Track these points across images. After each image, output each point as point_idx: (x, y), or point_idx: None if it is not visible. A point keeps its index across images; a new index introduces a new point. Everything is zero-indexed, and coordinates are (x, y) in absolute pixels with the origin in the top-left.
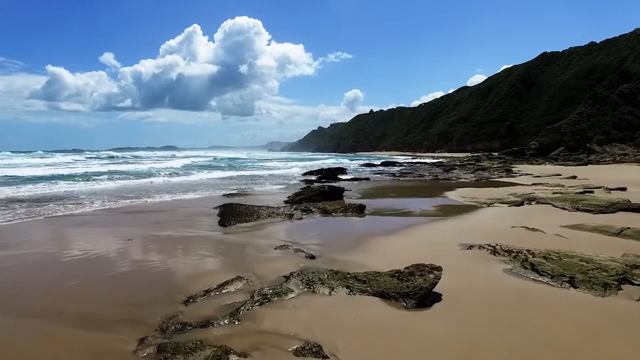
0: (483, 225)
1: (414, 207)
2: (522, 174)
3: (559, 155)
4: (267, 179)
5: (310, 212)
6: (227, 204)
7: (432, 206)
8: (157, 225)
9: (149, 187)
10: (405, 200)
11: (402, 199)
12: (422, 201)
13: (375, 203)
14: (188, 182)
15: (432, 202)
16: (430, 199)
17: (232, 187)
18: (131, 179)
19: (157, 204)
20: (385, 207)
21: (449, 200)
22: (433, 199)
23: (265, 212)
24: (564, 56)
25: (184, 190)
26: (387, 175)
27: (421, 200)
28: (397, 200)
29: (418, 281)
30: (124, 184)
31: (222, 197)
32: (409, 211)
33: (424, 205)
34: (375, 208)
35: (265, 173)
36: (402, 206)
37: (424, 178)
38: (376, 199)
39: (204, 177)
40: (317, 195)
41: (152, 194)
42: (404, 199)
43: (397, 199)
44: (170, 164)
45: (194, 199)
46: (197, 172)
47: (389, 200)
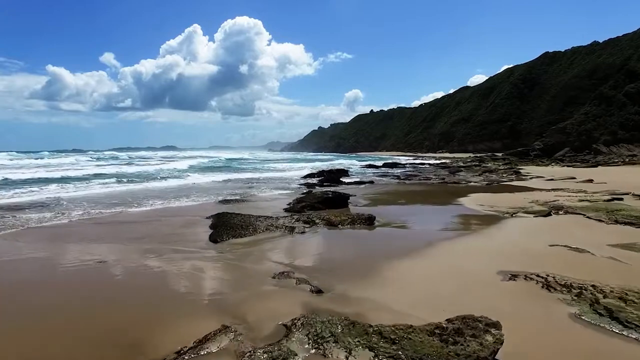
0: (515, 242)
1: (429, 218)
2: (532, 176)
3: (564, 156)
4: (266, 182)
5: (313, 224)
6: (222, 213)
7: (450, 216)
8: (138, 241)
9: (141, 192)
10: (417, 208)
11: (413, 207)
12: (436, 210)
13: (384, 211)
14: (185, 186)
15: (447, 212)
16: (445, 207)
17: (230, 192)
18: (130, 183)
19: (145, 214)
20: (396, 217)
21: (466, 209)
22: (447, 207)
23: (263, 225)
24: (566, 56)
25: (179, 196)
26: (391, 178)
27: (435, 208)
28: (407, 208)
29: (472, 346)
30: (116, 188)
31: (218, 205)
32: (424, 223)
33: (440, 215)
34: (385, 218)
35: (265, 175)
36: (414, 216)
37: (430, 181)
38: (384, 207)
39: (202, 180)
40: (321, 203)
41: (143, 200)
42: (415, 207)
43: (408, 207)
44: (175, 165)
45: (188, 206)
46: (196, 175)
47: (398, 207)
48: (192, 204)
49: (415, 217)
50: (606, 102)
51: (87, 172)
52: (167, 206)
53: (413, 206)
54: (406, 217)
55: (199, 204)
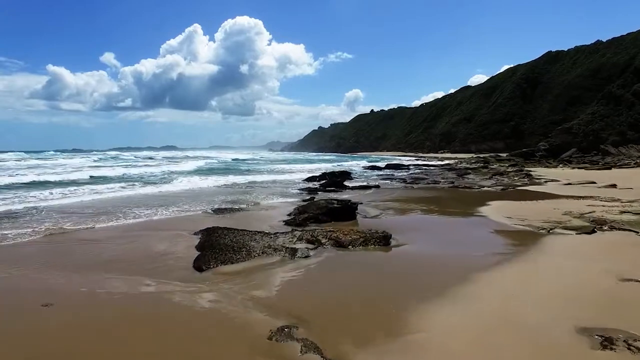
0: (572, 273)
1: (452, 235)
2: (546, 179)
3: (571, 157)
4: (266, 186)
5: (319, 245)
6: (212, 228)
7: (477, 233)
8: (104, 267)
9: (131, 200)
10: (434, 220)
11: (429, 218)
12: (457, 223)
13: (398, 224)
14: (181, 191)
15: (472, 226)
16: (467, 220)
17: (227, 199)
18: (124, 189)
19: (124, 228)
20: (413, 232)
21: (493, 223)
22: (470, 220)
23: (260, 245)
24: (569, 55)
25: (170, 204)
26: (397, 181)
27: (455, 221)
28: (423, 219)
29: None
30: (108, 194)
31: (210, 216)
32: (449, 243)
33: (463, 230)
34: (401, 234)
35: (265, 178)
36: (434, 231)
37: (439, 185)
38: (397, 218)
39: (200, 185)
40: (325, 215)
41: (128, 209)
42: (432, 218)
43: (423, 218)
44: (182, 167)
45: (176, 218)
46: (196, 178)
47: (412, 219)
48: (182, 215)
49: (436, 234)
50: (614, 102)
51: (82, 176)
52: (152, 218)
53: (429, 217)
54: (424, 232)
55: (189, 215)
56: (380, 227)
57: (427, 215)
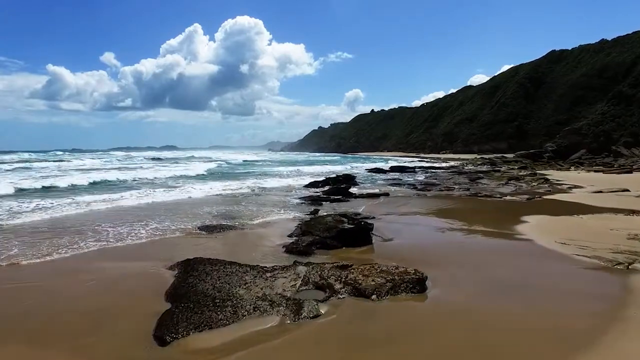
0: None
1: (503, 272)
2: (568, 185)
3: (581, 159)
4: (265, 194)
5: (331, 292)
6: (192, 262)
7: (531, 268)
8: (28, 335)
9: (110, 214)
10: (468, 244)
11: (460, 240)
12: (499, 251)
13: (426, 252)
14: (172, 202)
15: (520, 256)
16: (509, 245)
17: (221, 210)
18: (112, 202)
19: (75, 260)
20: (450, 267)
21: (545, 251)
22: (514, 245)
23: (251, 295)
24: (573, 54)
25: (150, 219)
26: (406, 187)
27: (496, 246)
28: (454, 243)
29: None
30: (92, 207)
31: (197, 236)
32: (504, 286)
33: (513, 263)
34: (435, 269)
35: (266, 184)
36: (474, 263)
37: (454, 192)
38: (422, 241)
39: (196, 195)
40: (335, 239)
41: (98, 226)
42: (464, 240)
43: (454, 241)
44: (190, 170)
45: (150, 242)
46: (192, 183)
47: (441, 241)
48: (162, 237)
49: (480, 268)
50: (625, 101)
51: (81, 181)
52: (117, 244)
53: (459, 239)
54: (464, 266)
55: (171, 237)
56: (405, 257)
57: (456, 235)
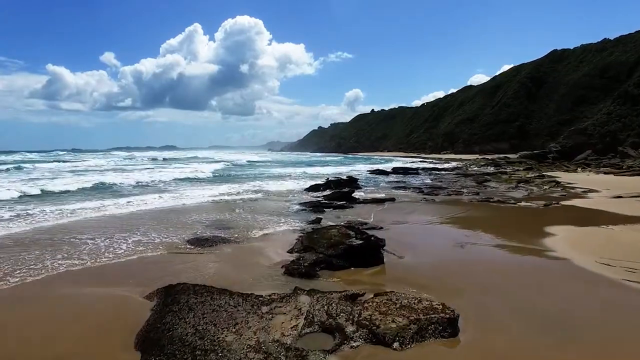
0: None
1: (543, 304)
2: (582, 189)
3: (587, 160)
4: (263, 199)
5: (342, 338)
6: (174, 291)
7: (578, 296)
8: None
9: (93, 224)
10: (494, 263)
11: (485, 259)
12: (534, 273)
13: (449, 276)
14: (164, 209)
15: (560, 281)
16: (543, 265)
17: (216, 219)
18: (100, 209)
19: (32, 288)
20: (479, 296)
21: (587, 274)
22: (548, 266)
23: (240, 345)
24: (575, 53)
25: (131, 231)
26: (412, 191)
27: (528, 266)
28: (479, 262)
29: None
30: (83, 214)
31: (184, 251)
32: (543, 319)
33: (553, 291)
34: (463, 298)
35: (264, 188)
36: (506, 291)
37: (464, 197)
38: (441, 260)
39: (191, 201)
40: (341, 257)
41: (77, 239)
42: (489, 259)
43: (477, 259)
44: (196, 171)
45: (129, 262)
46: (187, 187)
47: (463, 261)
48: (137, 257)
49: (514, 297)
50: (631, 101)
51: (78, 185)
52: (90, 263)
53: (483, 256)
54: (495, 295)
55: (155, 254)
56: (424, 281)
57: (478, 251)
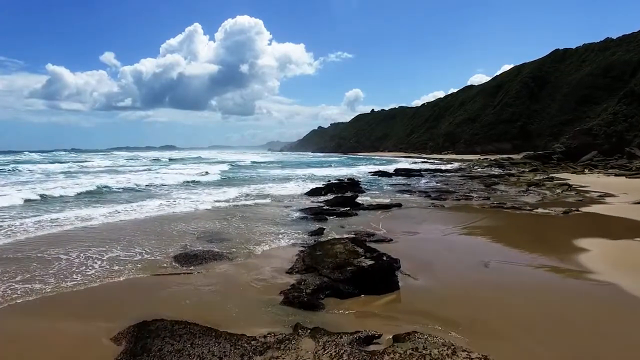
0: None
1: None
2: (595, 192)
3: (593, 161)
4: (261, 205)
5: None
6: (144, 335)
7: (633, 331)
8: None
9: (75, 236)
10: (525, 286)
11: (513, 281)
12: (570, 296)
13: (475, 303)
14: (153, 218)
15: (605, 310)
16: (581, 288)
17: (210, 229)
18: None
19: None
20: (519, 337)
21: None
22: (588, 291)
23: None
24: (577, 53)
25: (110, 245)
26: (419, 195)
27: (563, 289)
28: (507, 289)
29: None
30: (77, 223)
31: (167, 274)
32: None
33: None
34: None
35: (263, 191)
36: (550, 326)
37: (474, 202)
38: (463, 282)
39: (182, 208)
40: (349, 282)
41: (51, 254)
42: (518, 280)
43: (505, 283)
44: (202, 174)
45: (105, 286)
46: (182, 191)
47: (491, 285)
48: (107, 283)
49: (566, 338)
50: (638, 101)
51: (77, 190)
52: (52, 288)
53: (512, 278)
54: (541, 337)
55: (136, 277)
56: (449, 315)
57: (506, 272)
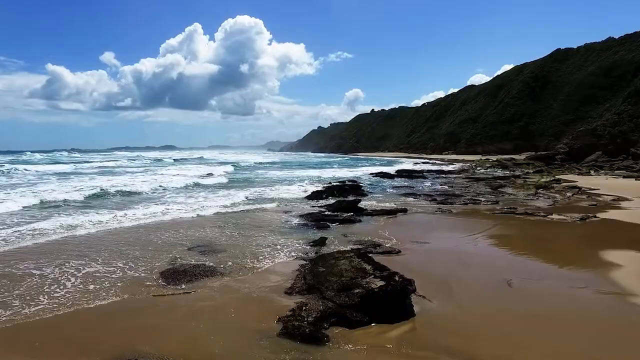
0: None
1: None
2: (607, 195)
3: (597, 161)
4: (256, 212)
5: None
6: None
7: None
8: None
9: (55, 249)
10: (558, 312)
11: (542, 305)
12: (617, 326)
13: (504, 334)
14: (146, 225)
15: None
16: (631, 317)
17: (204, 238)
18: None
19: None
20: None
21: None
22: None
23: None
24: (579, 52)
25: (90, 257)
26: (424, 199)
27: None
28: (536, 316)
29: None
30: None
31: (143, 297)
32: None
33: None
34: None
35: (262, 195)
36: None
37: (482, 206)
38: (485, 307)
39: (178, 215)
40: (357, 309)
41: (5, 277)
42: (547, 302)
43: (532, 308)
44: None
45: (61, 318)
46: (174, 195)
47: (518, 310)
48: (79, 309)
49: None
50: None
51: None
52: (10, 319)
53: (541, 300)
54: None
55: (92, 308)
56: (476, 353)
57: (537, 294)
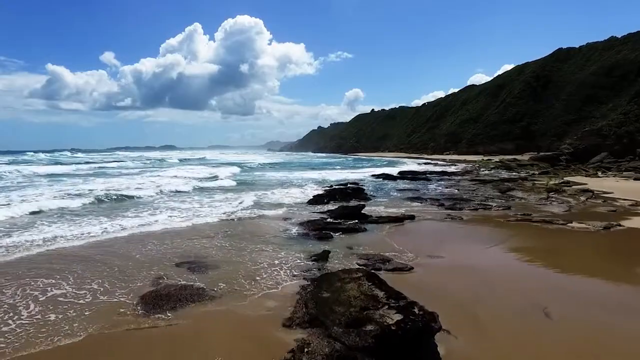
0: None
1: None
2: (624, 199)
3: (603, 162)
4: (254, 220)
5: None
6: None
7: None
8: None
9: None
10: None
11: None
12: None
13: None
14: (140, 235)
15: None
16: None
17: (201, 248)
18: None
19: None
20: None
21: None
22: None
23: None
24: (581, 52)
25: (61, 276)
26: (431, 204)
27: None
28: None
29: None
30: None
31: (113, 331)
32: None
33: None
34: None
35: (262, 199)
36: None
37: (493, 211)
38: (523, 349)
39: (175, 224)
40: (371, 354)
41: None
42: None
43: (581, 350)
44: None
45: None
46: (170, 199)
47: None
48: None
49: None
50: None
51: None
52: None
53: (589, 339)
54: None
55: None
56: None
57: (582, 329)
